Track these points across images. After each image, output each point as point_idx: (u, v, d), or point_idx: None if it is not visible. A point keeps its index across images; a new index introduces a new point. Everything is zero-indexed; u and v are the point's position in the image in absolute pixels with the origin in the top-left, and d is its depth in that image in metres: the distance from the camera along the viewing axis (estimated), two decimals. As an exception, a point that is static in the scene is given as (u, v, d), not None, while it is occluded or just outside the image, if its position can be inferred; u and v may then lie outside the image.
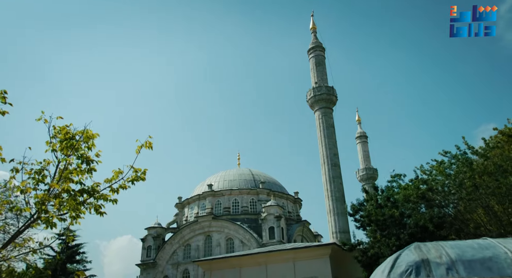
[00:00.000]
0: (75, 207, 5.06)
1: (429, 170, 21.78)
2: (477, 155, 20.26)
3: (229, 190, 46.01)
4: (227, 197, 45.83)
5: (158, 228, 43.23)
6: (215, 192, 45.67)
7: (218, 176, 49.40)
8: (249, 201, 45.92)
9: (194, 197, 47.11)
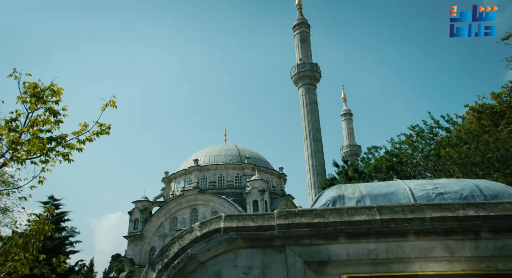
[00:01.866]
0: (45, 152, 5.84)
1: (399, 143, 22.88)
2: (441, 129, 21.38)
3: (215, 165, 47.00)
4: (213, 172, 46.86)
5: (145, 202, 44.27)
6: (201, 167, 46.62)
7: (204, 151, 50.27)
8: (234, 176, 47.02)
9: (180, 171, 48.05)
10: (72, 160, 6.28)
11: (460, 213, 4.85)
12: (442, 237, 4.81)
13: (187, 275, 4.97)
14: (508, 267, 4.66)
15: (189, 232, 5.24)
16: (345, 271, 4.89)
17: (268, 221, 5.19)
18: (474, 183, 5.91)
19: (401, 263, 4.84)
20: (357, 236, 4.92)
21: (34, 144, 5.63)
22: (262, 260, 5.02)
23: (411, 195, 5.59)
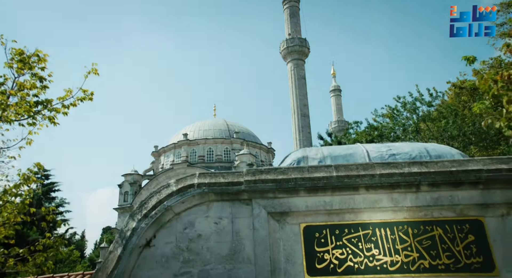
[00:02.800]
0: (32, 115, 6.29)
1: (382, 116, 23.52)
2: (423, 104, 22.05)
3: (204, 139, 47.49)
4: (202, 146, 47.41)
5: (134, 175, 44.89)
6: (190, 141, 47.10)
7: (193, 126, 50.62)
8: (223, 150, 47.66)
9: (170, 146, 48.51)
10: (58, 123, 6.75)
11: (405, 170, 5.50)
12: (388, 191, 5.48)
13: (164, 224, 5.59)
14: (442, 214, 5.37)
15: (166, 187, 5.83)
16: (304, 221, 5.55)
17: (237, 177, 5.79)
18: (424, 145, 6.57)
19: (352, 213, 5.52)
20: (315, 190, 5.56)
21: (21, 106, 6.07)
22: (231, 211, 5.65)
23: (367, 155, 6.23)
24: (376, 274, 5.18)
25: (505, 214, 5.28)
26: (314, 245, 5.38)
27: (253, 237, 5.42)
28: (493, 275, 5.01)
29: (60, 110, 6.63)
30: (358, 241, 5.35)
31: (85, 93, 6.94)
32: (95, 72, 7.11)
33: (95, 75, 7.16)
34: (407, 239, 5.30)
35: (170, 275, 5.30)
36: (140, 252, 5.40)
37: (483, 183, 5.29)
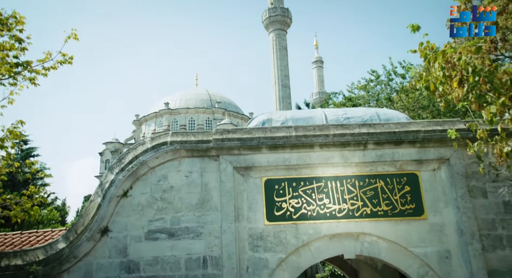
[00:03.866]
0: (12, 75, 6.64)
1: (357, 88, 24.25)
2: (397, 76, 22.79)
3: (185, 109, 47.55)
4: (184, 115, 47.52)
5: (115, 143, 44.94)
6: (172, 110, 47.11)
7: (175, 95, 50.44)
8: (205, 120, 47.93)
9: (151, 114, 48.42)
10: (39, 84, 7.12)
11: (355, 131, 6.21)
12: (340, 148, 6.21)
13: (140, 176, 6.22)
14: (384, 169, 6.17)
15: (142, 144, 6.41)
16: (265, 175, 6.27)
17: (206, 136, 6.42)
18: (376, 110, 7.30)
19: (308, 168, 6.25)
20: (276, 148, 6.24)
21: (1, 66, 6.40)
22: (200, 166, 6.31)
23: (325, 118, 6.91)
24: (325, 219, 5.99)
25: (436, 169, 6.11)
26: (274, 196, 6.12)
27: (220, 188, 6.11)
28: (422, 218, 5.89)
29: (40, 71, 6.98)
30: (312, 192, 6.12)
31: (64, 57, 7.27)
32: (75, 37, 7.40)
33: (75, 40, 7.47)
34: (354, 190, 6.10)
35: (146, 221, 5.98)
36: (118, 201, 6.04)
37: (420, 142, 6.07)
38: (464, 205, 5.76)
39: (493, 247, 5.61)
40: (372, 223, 5.95)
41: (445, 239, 5.80)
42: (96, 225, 5.79)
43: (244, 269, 5.80)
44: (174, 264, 5.75)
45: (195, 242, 5.87)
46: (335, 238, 6.00)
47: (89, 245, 5.74)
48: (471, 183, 5.84)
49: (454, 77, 3.94)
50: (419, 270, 5.76)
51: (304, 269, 6.01)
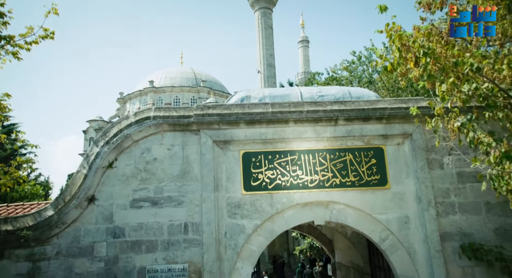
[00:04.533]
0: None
1: (339, 69, 24.67)
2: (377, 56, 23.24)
3: (170, 87, 47.23)
4: (169, 94, 47.26)
5: (99, 121, 44.61)
6: (156, 89, 46.77)
7: (160, 73, 49.94)
8: (190, 98, 47.76)
9: (135, 92, 47.98)
10: (22, 58, 7.27)
11: (327, 108, 6.65)
12: (313, 124, 6.66)
13: (124, 149, 6.56)
14: (353, 144, 6.66)
15: (126, 119, 6.73)
16: (243, 148, 6.69)
17: (188, 112, 6.77)
18: (348, 89, 7.74)
19: (283, 142, 6.69)
20: (253, 123, 6.64)
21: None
22: (182, 139, 6.68)
23: (300, 96, 7.32)
24: (298, 189, 6.50)
25: (400, 143, 6.64)
26: (251, 168, 6.57)
27: (200, 161, 6.52)
28: (386, 187, 6.45)
29: (23, 46, 7.12)
30: (286, 164, 6.59)
31: (46, 32, 7.40)
32: (55, 12, 7.52)
33: (55, 15, 7.59)
34: (325, 162, 6.59)
35: (130, 191, 6.38)
36: (103, 172, 6.40)
37: (386, 118, 6.56)
38: (423, 176, 6.33)
39: (446, 212, 6.23)
40: (341, 192, 6.48)
41: (405, 206, 6.39)
42: (83, 194, 6.16)
43: (223, 234, 6.29)
44: (158, 230, 6.20)
45: (177, 210, 6.31)
46: (307, 206, 6.52)
47: (76, 212, 6.12)
48: (430, 156, 6.40)
49: (410, 58, 4.37)
50: (381, 234, 6.36)
51: (278, 234, 6.54)
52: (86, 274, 5.90)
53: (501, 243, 5.99)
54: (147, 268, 5.99)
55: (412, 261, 6.20)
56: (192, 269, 6.06)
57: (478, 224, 6.17)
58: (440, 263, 6.00)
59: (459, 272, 6.01)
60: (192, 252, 6.13)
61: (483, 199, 6.20)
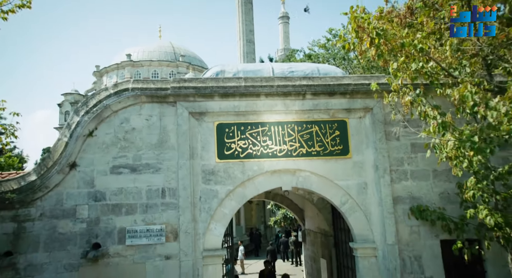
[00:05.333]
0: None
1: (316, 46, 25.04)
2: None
3: (148, 61, 46.52)
4: (147, 68, 46.58)
5: (75, 95, 43.77)
6: (134, 62, 45.98)
7: (138, 47, 48.95)
8: (169, 73, 47.25)
9: (112, 66, 47.05)
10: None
11: (296, 83, 7.14)
12: (283, 98, 7.15)
13: (104, 119, 6.90)
14: (319, 116, 7.22)
15: (105, 90, 7.03)
16: (217, 119, 7.14)
17: (165, 84, 7.12)
18: (316, 65, 8.24)
19: (255, 114, 7.18)
20: (227, 96, 7.07)
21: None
22: (159, 111, 7.07)
23: (272, 71, 7.77)
24: (268, 158, 7.05)
25: (362, 117, 7.24)
26: (224, 138, 7.06)
27: (177, 131, 6.95)
28: (347, 157, 7.09)
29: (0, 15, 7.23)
30: (257, 135, 7.10)
31: (22, 1, 7.49)
32: (31, -19, 7.59)
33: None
34: (293, 133, 7.14)
35: (110, 158, 6.78)
36: (84, 140, 6.75)
37: (350, 93, 7.12)
38: (380, 146, 6.98)
39: (399, 179, 6.95)
40: (307, 161, 7.08)
41: (364, 174, 7.07)
42: (64, 160, 6.52)
43: (198, 199, 6.83)
44: (137, 194, 6.67)
45: (154, 176, 6.77)
46: (276, 173, 7.10)
47: (59, 177, 6.50)
48: (387, 128, 7.04)
49: (366, 39, 4.87)
50: (341, 199, 7.05)
51: (249, 198, 7.13)
52: (69, 233, 6.35)
53: (444, 205, 6.78)
54: (127, 229, 6.49)
55: (368, 222, 6.94)
56: (169, 230, 6.60)
57: (426, 189, 6.93)
58: (391, 223, 6.76)
59: (407, 230, 6.80)
60: (169, 214, 6.65)
61: (431, 167, 6.94)
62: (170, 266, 6.46)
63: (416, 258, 6.74)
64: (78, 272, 6.22)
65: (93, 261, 6.23)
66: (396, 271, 6.63)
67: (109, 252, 6.37)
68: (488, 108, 4.18)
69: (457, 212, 6.56)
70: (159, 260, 6.47)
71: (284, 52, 62.42)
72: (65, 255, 6.27)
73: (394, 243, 6.71)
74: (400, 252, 6.72)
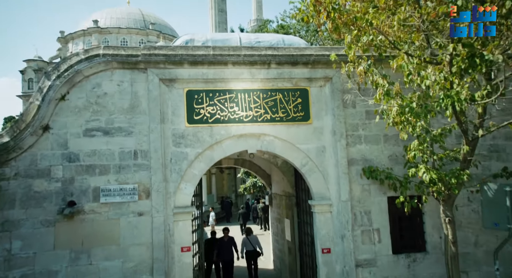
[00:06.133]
0: None
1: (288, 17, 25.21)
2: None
3: (117, 28, 45.03)
4: (115, 35, 45.10)
5: (39, 61, 42.01)
6: (101, 29, 44.39)
7: (105, 12, 47.09)
8: (138, 42, 46.00)
9: (78, 32, 45.25)
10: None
11: (262, 52, 7.56)
12: (249, 67, 7.57)
13: (76, 83, 7.11)
14: (283, 85, 7.72)
15: (76, 55, 7.20)
16: (187, 86, 7.50)
17: (135, 51, 7.36)
18: (282, 36, 8.67)
19: (223, 82, 7.58)
20: (195, 63, 7.41)
21: None
22: (131, 77, 7.33)
23: (239, 41, 8.13)
24: (235, 123, 7.53)
25: (322, 85, 7.82)
26: (193, 104, 7.46)
27: (148, 96, 7.27)
28: (308, 123, 7.69)
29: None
30: (225, 101, 7.54)
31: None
32: None
33: None
34: (258, 100, 7.63)
35: (83, 121, 7.05)
36: (56, 104, 6.97)
37: (312, 63, 7.63)
38: (338, 113, 7.62)
39: (354, 143, 7.66)
40: (271, 126, 7.63)
41: (323, 138, 7.72)
42: (37, 122, 6.75)
43: (168, 160, 7.28)
44: (110, 156, 7.04)
45: (127, 139, 7.14)
46: (242, 137, 7.62)
47: (32, 139, 6.74)
48: (345, 97, 7.65)
49: (323, 12, 5.33)
50: (302, 161, 7.71)
51: (216, 160, 7.65)
52: (45, 192, 6.70)
53: (392, 166, 7.58)
54: (101, 188, 6.90)
55: (325, 182, 7.66)
56: (142, 189, 7.06)
57: (377, 152, 7.69)
58: (346, 182, 7.52)
59: (359, 189, 7.59)
60: (141, 175, 7.09)
61: (382, 133, 7.68)
62: (143, 221, 6.97)
63: (366, 213, 7.58)
64: (54, 227, 6.63)
65: (68, 217, 6.64)
66: (348, 224, 7.45)
67: (84, 209, 6.79)
68: (419, 77, 4.79)
69: (402, 172, 7.36)
70: (133, 216, 6.96)
71: (256, 23, 61.70)
72: (41, 212, 6.64)
73: (348, 200, 7.50)
74: (352, 207, 7.53)
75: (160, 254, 6.89)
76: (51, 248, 6.58)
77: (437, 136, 5.70)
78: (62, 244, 6.61)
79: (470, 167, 6.44)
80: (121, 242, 6.85)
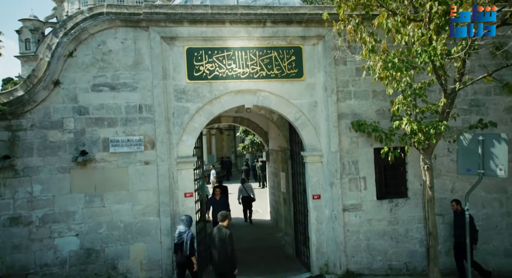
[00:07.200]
0: None
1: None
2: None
3: (112, -13, 43.79)
4: (111, -6, 43.99)
5: (34, 21, 41.36)
6: (96, -13, 43.17)
7: (99, -31, 45.58)
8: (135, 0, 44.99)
9: (73, -9, 44.07)
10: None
11: (258, 11, 7.90)
12: (245, 25, 7.94)
13: (82, 41, 7.52)
14: (278, 43, 8.12)
15: (80, 13, 7.55)
16: (187, 44, 7.91)
17: (137, 10, 7.69)
18: (277, -5, 8.94)
19: (221, 40, 7.98)
20: (195, 22, 7.77)
21: None
22: (133, 35, 7.72)
23: (237, 0, 8.43)
24: (232, 79, 8.02)
25: (315, 44, 8.22)
26: (193, 61, 7.90)
27: (150, 53, 7.70)
28: (301, 79, 8.18)
29: None
30: (223, 59, 7.98)
31: None
32: None
33: None
34: (255, 58, 8.06)
35: (90, 77, 7.54)
36: (65, 60, 7.42)
37: (305, 22, 7.99)
38: (330, 70, 8.09)
39: (344, 98, 8.19)
40: (266, 82, 8.12)
41: (315, 94, 8.24)
42: (48, 77, 7.24)
43: (171, 114, 7.84)
44: (116, 109, 7.59)
45: (132, 94, 7.66)
46: (239, 93, 8.14)
47: (45, 93, 7.27)
48: (337, 54, 8.08)
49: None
50: (295, 115, 8.28)
51: (216, 114, 8.21)
52: (59, 142, 7.32)
53: (379, 120, 8.17)
54: (110, 139, 7.52)
55: (316, 134, 8.28)
56: (147, 140, 7.68)
57: (366, 106, 8.25)
58: (335, 135, 8.13)
59: (348, 141, 8.23)
60: (146, 127, 7.68)
61: (371, 88, 8.19)
62: (149, 169, 7.65)
63: (354, 163, 8.27)
64: (70, 173, 7.32)
65: (82, 165, 7.32)
66: (337, 172, 8.16)
67: (95, 158, 7.45)
68: (397, 33, 5.22)
69: (388, 125, 7.95)
70: (140, 164, 7.63)
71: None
72: (57, 160, 7.30)
73: (337, 151, 8.15)
74: (341, 158, 8.20)
75: (166, 198, 7.64)
76: (67, 192, 7.31)
77: (417, 89, 6.22)
78: (77, 188, 7.33)
79: (449, 119, 7.01)
80: (130, 187, 7.57)
